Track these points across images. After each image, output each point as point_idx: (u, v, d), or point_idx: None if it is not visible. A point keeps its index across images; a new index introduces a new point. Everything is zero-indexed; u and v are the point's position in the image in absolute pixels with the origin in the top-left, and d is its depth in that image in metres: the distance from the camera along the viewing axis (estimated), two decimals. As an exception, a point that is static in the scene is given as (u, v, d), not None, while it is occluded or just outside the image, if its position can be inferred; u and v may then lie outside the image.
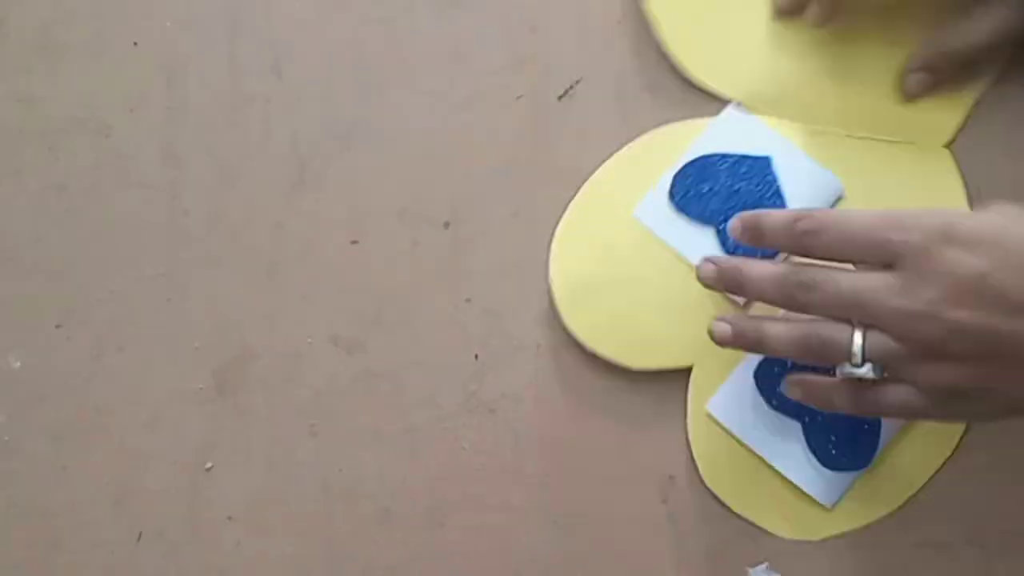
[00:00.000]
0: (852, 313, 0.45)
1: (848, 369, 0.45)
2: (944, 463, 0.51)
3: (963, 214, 0.44)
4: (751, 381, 0.52)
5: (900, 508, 0.51)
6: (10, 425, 0.53)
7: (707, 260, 0.50)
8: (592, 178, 0.53)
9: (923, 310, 0.43)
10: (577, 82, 0.54)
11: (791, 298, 0.47)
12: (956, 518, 0.51)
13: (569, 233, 0.53)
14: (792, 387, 0.49)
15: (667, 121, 0.54)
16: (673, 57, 0.53)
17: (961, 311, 0.42)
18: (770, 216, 0.47)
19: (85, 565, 0.53)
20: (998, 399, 0.44)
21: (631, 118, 0.53)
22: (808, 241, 0.46)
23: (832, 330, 0.46)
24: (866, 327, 0.45)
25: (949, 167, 0.52)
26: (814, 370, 0.49)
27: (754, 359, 0.52)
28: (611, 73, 0.54)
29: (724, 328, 0.49)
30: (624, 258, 0.53)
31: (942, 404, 0.45)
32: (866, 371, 0.45)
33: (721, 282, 0.49)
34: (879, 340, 0.45)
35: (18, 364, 0.54)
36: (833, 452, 0.51)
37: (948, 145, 0.52)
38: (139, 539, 0.53)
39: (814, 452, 0.51)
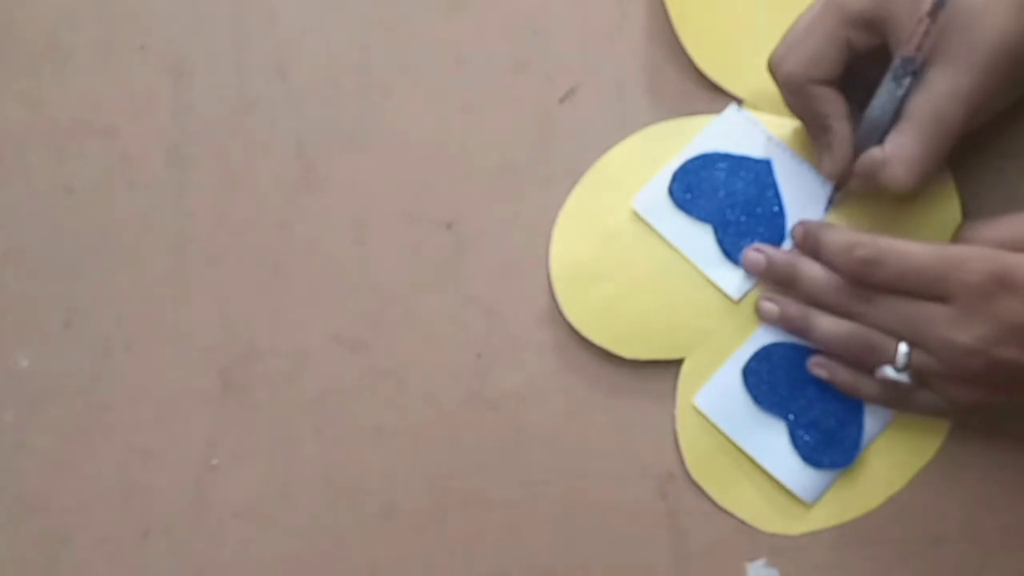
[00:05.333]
0: (903, 334, 0.48)
1: (888, 372, 0.48)
2: (924, 466, 0.52)
3: (1018, 260, 0.46)
4: (739, 377, 0.52)
5: (892, 506, 0.52)
6: (18, 423, 0.54)
7: (756, 249, 0.52)
8: (594, 167, 0.54)
9: (972, 346, 0.46)
10: (578, 85, 0.55)
11: (845, 306, 0.49)
12: (951, 512, 0.52)
13: (569, 220, 0.54)
14: (817, 368, 0.51)
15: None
16: (683, 47, 0.54)
17: (1007, 350, 0.46)
18: (832, 233, 0.50)
19: (92, 561, 0.53)
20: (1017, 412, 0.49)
21: (632, 121, 0.54)
22: (867, 271, 0.48)
23: (880, 338, 0.49)
24: (912, 344, 0.48)
25: (943, 172, 0.52)
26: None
27: (743, 356, 0.52)
28: (612, 77, 0.55)
29: (772, 308, 0.51)
30: (621, 248, 0.53)
31: (965, 413, 0.50)
32: (903, 378, 0.48)
33: (771, 273, 0.52)
34: (923, 358, 0.48)
35: (26, 363, 0.54)
36: (816, 449, 0.52)
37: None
38: (146, 536, 0.53)
39: (797, 449, 0.52)
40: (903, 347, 0.48)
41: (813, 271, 0.50)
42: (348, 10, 0.56)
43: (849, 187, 0.51)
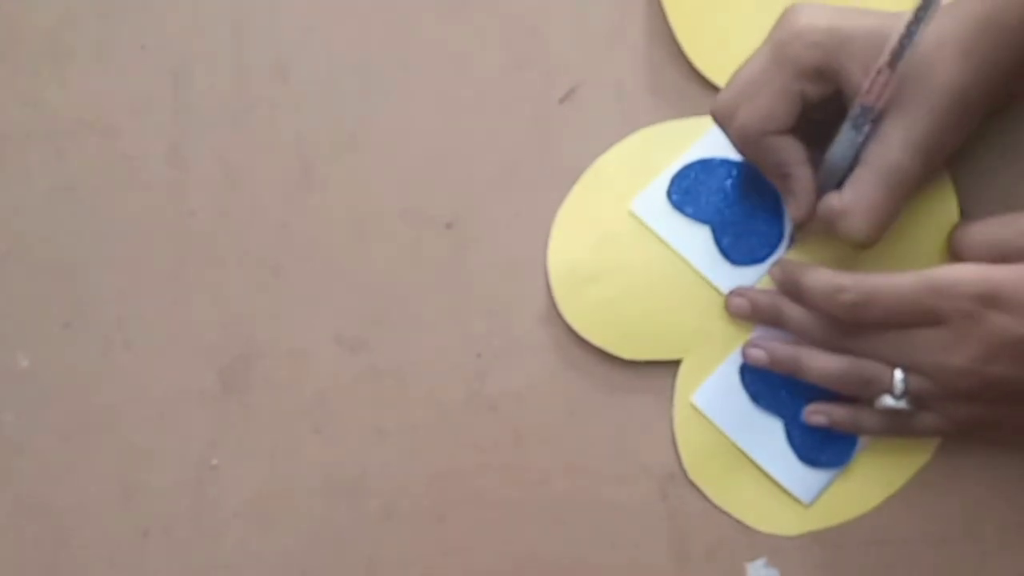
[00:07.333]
0: (897, 361, 0.48)
1: (887, 401, 0.48)
2: (923, 466, 0.52)
3: (1005, 277, 0.45)
4: (737, 375, 0.52)
5: (892, 506, 0.52)
6: (18, 423, 0.54)
7: (737, 294, 0.52)
8: (592, 168, 0.54)
9: (966, 367, 0.46)
10: (578, 85, 0.55)
11: (836, 342, 0.49)
12: (951, 512, 0.52)
13: (568, 221, 0.54)
14: (815, 416, 0.51)
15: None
16: (682, 49, 0.54)
17: (1000, 367, 0.46)
18: (813, 277, 0.49)
19: (92, 561, 0.53)
20: (1018, 427, 0.49)
21: (631, 121, 0.54)
22: (856, 313, 0.47)
23: (874, 369, 0.48)
24: (906, 369, 0.48)
25: (943, 178, 0.52)
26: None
27: (741, 355, 0.52)
28: (611, 76, 0.55)
29: (760, 355, 0.51)
30: (620, 249, 0.53)
31: (965, 430, 0.49)
32: (903, 404, 0.48)
33: (756, 316, 0.51)
34: (919, 382, 0.48)
35: (26, 363, 0.54)
36: (812, 448, 0.52)
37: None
38: (145, 536, 0.53)
39: (794, 448, 0.52)
40: (899, 374, 0.48)
41: (797, 311, 0.50)
42: (348, 10, 0.56)
43: (811, 227, 0.51)
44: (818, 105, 0.48)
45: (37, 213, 0.55)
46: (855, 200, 0.47)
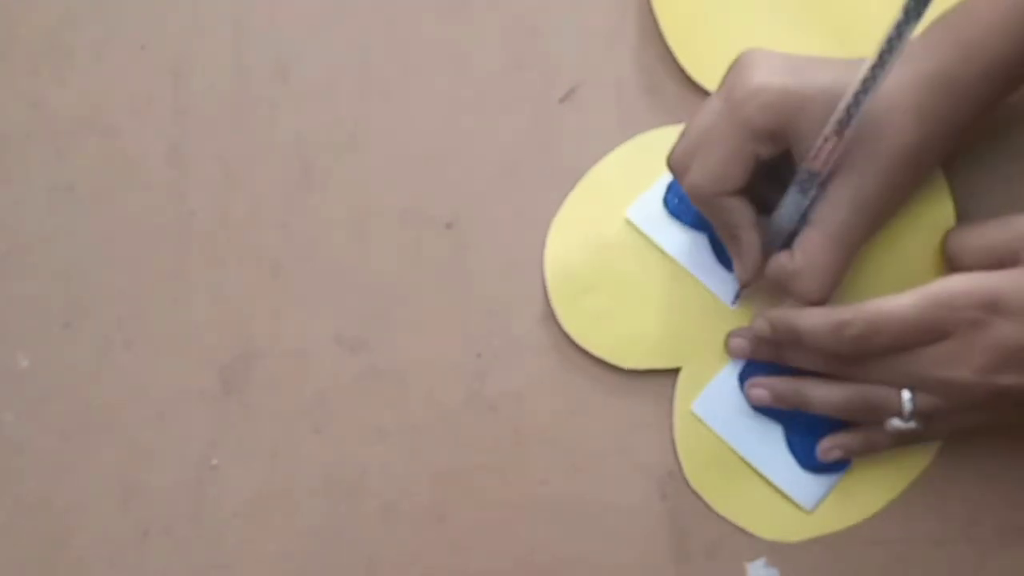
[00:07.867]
0: (903, 383, 0.47)
1: (896, 424, 0.48)
2: (924, 469, 0.52)
3: (1005, 282, 0.45)
4: (736, 383, 0.52)
5: (893, 506, 0.52)
6: (18, 423, 0.54)
7: (736, 335, 0.52)
8: (587, 176, 0.54)
9: (973, 379, 0.46)
10: (578, 85, 0.55)
11: (839, 372, 0.49)
12: (951, 513, 0.52)
13: (563, 230, 0.54)
14: (831, 452, 0.51)
15: (667, 124, 0.54)
16: (675, 57, 0.54)
17: (1008, 377, 0.45)
18: (809, 320, 0.48)
19: (91, 561, 0.53)
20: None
21: (631, 121, 0.54)
22: (864, 345, 0.47)
23: (880, 394, 0.48)
24: (913, 389, 0.47)
25: (938, 178, 0.52)
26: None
27: (740, 361, 0.52)
28: (611, 76, 0.55)
29: (762, 395, 0.51)
30: (616, 257, 0.53)
31: (966, 433, 0.50)
32: (912, 426, 0.48)
33: (756, 356, 0.51)
34: (926, 401, 0.47)
35: (26, 363, 0.54)
36: (814, 455, 0.51)
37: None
38: (145, 536, 0.53)
39: (795, 455, 0.52)
40: (906, 395, 0.47)
41: (800, 352, 0.50)
42: (348, 10, 0.56)
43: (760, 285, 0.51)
44: (767, 162, 0.48)
45: (37, 213, 0.55)
46: (806, 262, 0.47)
